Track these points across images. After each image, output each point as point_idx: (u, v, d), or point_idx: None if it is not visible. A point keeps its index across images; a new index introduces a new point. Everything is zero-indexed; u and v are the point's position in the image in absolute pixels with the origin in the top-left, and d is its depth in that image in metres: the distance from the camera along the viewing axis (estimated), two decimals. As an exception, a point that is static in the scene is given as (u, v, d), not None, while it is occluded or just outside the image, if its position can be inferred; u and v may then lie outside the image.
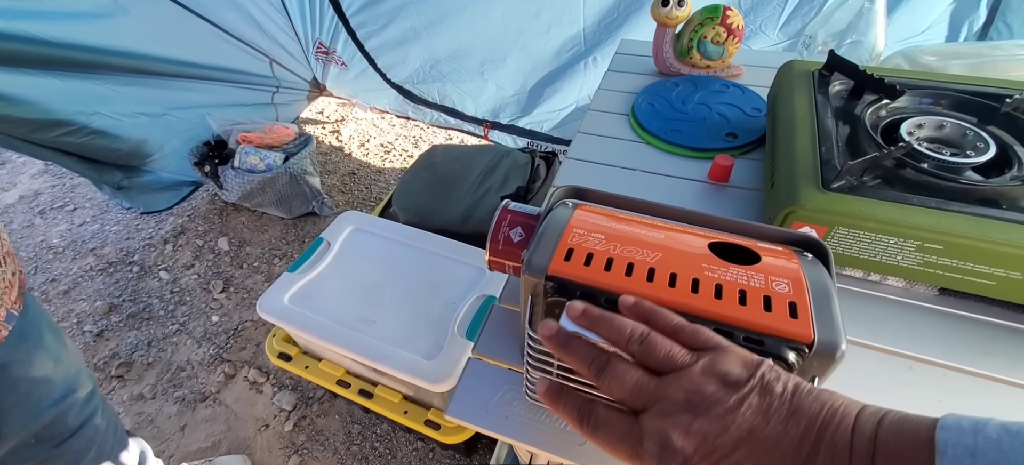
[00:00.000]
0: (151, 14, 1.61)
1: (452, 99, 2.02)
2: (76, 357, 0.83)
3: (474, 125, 2.08)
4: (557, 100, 1.75)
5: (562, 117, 1.81)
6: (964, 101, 0.54)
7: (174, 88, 1.79)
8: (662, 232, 0.40)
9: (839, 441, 0.24)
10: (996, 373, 0.44)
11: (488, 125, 2.03)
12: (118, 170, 1.78)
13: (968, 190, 0.47)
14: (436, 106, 2.10)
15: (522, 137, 1.98)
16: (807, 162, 0.50)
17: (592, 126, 0.76)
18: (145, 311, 1.65)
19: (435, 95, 2.05)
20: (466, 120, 2.08)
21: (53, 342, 0.75)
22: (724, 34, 0.75)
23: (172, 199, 1.99)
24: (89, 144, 1.60)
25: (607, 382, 0.30)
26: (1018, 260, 0.42)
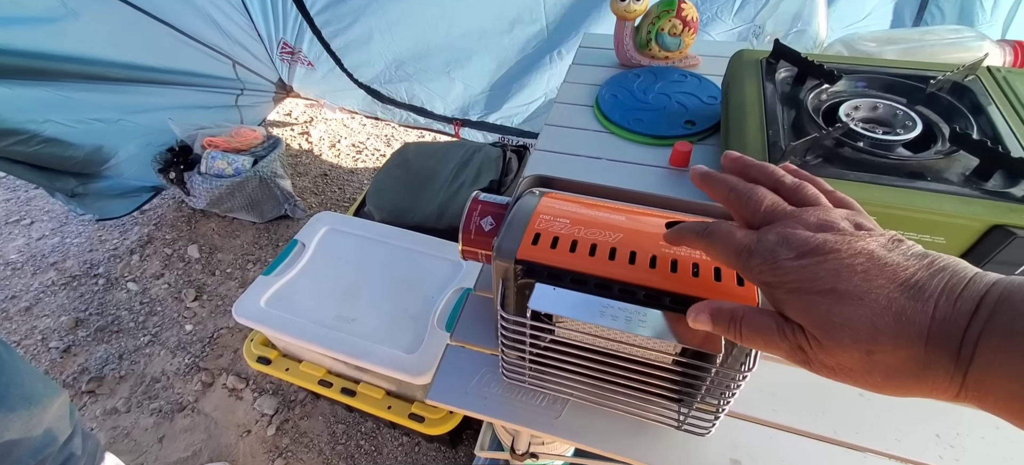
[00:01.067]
0: (103, 17, 1.56)
1: (420, 99, 2.02)
2: (59, 405, 0.82)
3: (444, 124, 2.09)
4: (525, 95, 1.77)
5: (531, 111, 1.83)
6: (895, 84, 0.59)
7: (131, 93, 1.73)
8: (623, 215, 0.43)
9: (955, 281, 0.24)
10: (926, 329, 0.49)
11: (458, 123, 2.04)
12: (72, 177, 1.72)
13: (898, 165, 0.51)
14: (405, 106, 2.10)
15: (493, 133, 2.00)
16: (756, 144, 0.54)
17: (558, 118, 0.79)
18: (114, 324, 1.61)
19: (403, 95, 2.05)
20: (436, 119, 2.09)
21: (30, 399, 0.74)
22: (680, 26, 0.79)
23: (129, 206, 1.93)
24: (41, 153, 1.54)
25: (745, 200, 0.31)
26: (941, 226, 0.47)
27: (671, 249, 0.39)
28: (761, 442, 0.43)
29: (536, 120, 1.85)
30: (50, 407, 0.78)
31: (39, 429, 0.75)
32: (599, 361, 0.42)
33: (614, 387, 0.44)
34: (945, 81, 0.57)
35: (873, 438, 0.42)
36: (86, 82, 1.62)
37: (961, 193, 0.47)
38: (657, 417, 0.43)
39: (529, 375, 0.45)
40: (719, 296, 0.36)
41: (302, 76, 2.18)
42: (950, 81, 0.57)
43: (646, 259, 0.38)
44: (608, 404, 0.45)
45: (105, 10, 1.56)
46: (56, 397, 0.81)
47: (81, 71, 1.59)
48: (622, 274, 0.37)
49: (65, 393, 0.85)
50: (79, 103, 1.60)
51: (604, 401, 0.45)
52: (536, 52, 1.62)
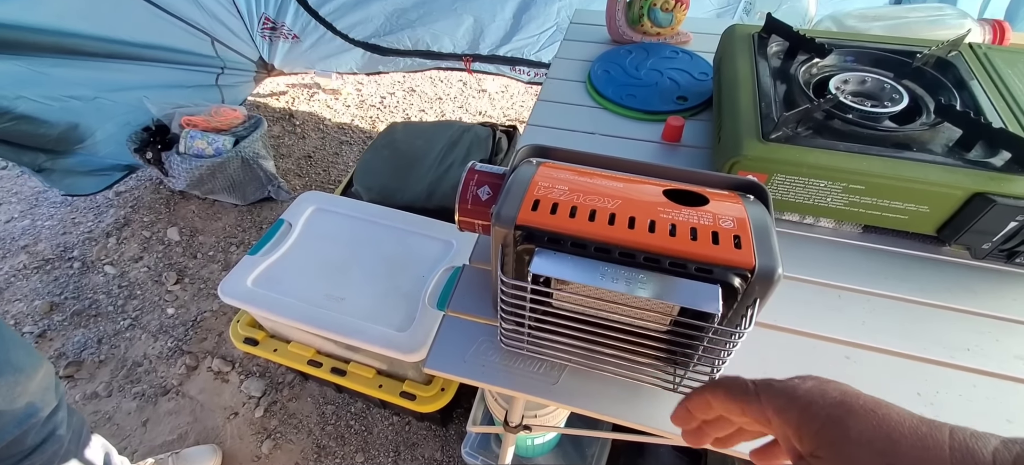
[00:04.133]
0: None
1: (425, 41, 1.94)
2: (45, 375, 0.80)
3: (453, 62, 2.02)
4: (535, 26, 1.74)
5: (543, 41, 1.79)
6: (882, 58, 0.60)
7: (107, 69, 1.67)
8: (621, 183, 0.43)
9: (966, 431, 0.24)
10: (910, 295, 0.51)
11: (469, 58, 1.97)
12: (41, 152, 1.65)
13: (885, 136, 0.52)
14: (410, 52, 2.02)
15: (505, 65, 1.94)
16: (749, 117, 0.55)
17: (551, 94, 0.79)
18: (91, 308, 1.56)
19: (406, 43, 1.97)
20: (445, 58, 2.01)
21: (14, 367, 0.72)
22: (672, 2, 0.79)
23: (100, 184, 1.86)
24: (13, 130, 1.48)
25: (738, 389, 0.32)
26: (924, 195, 0.48)
27: (670, 215, 0.39)
28: (753, 403, 0.44)
29: (548, 50, 1.81)
30: (34, 377, 0.76)
31: (22, 400, 0.73)
32: (597, 327, 0.43)
33: (610, 352, 0.44)
34: (930, 56, 0.58)
35: (858, 397, 0.44)
36: (60, 56, 1.55)
37: (944, 163, 0.49)
38: (653, 380, 0.44)
39: (528, 342, 0.45)
40: (717, 257, 0.36)
41: (286, 51, 2.12)
42: (934, 56, 0.59)
43: (645, 223, 0.39)
44: (604, 369, 0.46)
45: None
46: (40, 367, 0.79)
47: (54, 44, 1.52)
48: (622, 238, 0.38)
49: (49, 365, 0.83)
50: (53, 79, 1.54)
51: (601, 366, 0.46)
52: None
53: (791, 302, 0.51)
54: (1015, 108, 0.53)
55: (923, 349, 0.47)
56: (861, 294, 0.51)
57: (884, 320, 0.49)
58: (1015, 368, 0.45)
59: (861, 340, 0.48)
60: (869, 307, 0.50)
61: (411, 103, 2.35)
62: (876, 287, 0.51)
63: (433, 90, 2.42)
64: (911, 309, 0.50)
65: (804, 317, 0.50)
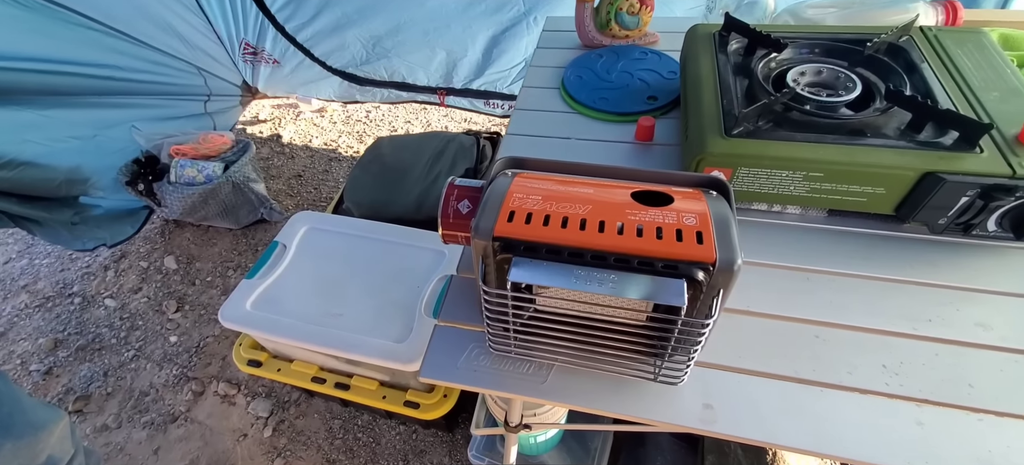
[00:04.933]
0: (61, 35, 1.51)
1: (401, 73, 1.98)
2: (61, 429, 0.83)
3: (428, 94, 2.05)
4: (506, 59, 1.77)
5: (514, 76, 1.83)
6: (835, 48, 0.63)
7: (103, 106, 1.69)
8: (592, 188, 0.46)
9: None
10: (874, 273, 0.54)
11: (443, 92, 2.01)
12: (65, 207, 1.65)
13: (841, 124, 0.55)
14: (385, 83, 2.05)
15: (478, 98, 1.98)
16: (712, 114, 0.58)
17: (527, 102, 0.82)
18: (95, 342, 1.58)
19: (382, 73, 2.00)
20: (419, 91, 2.04)
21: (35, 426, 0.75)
22: (637, 4, 0.82)
23: (134, 226, 1.87)
24: (21, 178, 1.48)
25: None
26: (879, 177, 0.51)
27: (637, 216, 0.42)
28: (730, 386, 0.47)
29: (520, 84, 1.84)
30: (54, 432, 0.80)
31: (43, 455, 0.76)
32: (579, 326, 0.45)
33: (594, 349, 0.47)
34: (881, 43, 0.61)
35: (828, 373, 0.47)
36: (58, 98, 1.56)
37: (897, 146, 0.52)
38: (635, 373, 0.47)
39: (515, 346, 0.48)
40: (681, 254, 0.39)
41: (268, 75, 2.14)
42: (886, 43, 0.62)
43: (614, 227, 0.41)
44: (590, 365, 0.48)
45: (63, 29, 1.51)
46: (58, 421, 0.82)
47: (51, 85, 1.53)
48: (592, 242, 0.41)
49: (66, 416, 0.87)
50: (54, 121, 1.55)
51: (586, 363, 0.48)
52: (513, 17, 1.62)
53: (763, 287, 0.54)
54: (964, 88, 0.56)
55: (887, 323, 0.50)
56: (828, 275, 0.54)
57: (850, 298, 0.52)
58: (975, 335, 0.48)
59: (829, 319, 0.50)
60: (836, 287, 0.53)
61: (396, 115, 2.37)
62: (842, 268, 0.54)
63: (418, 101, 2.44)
64: (875, 286, 0.53)
65: (775, 301, 0.52)
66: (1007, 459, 0.40)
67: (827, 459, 0.80)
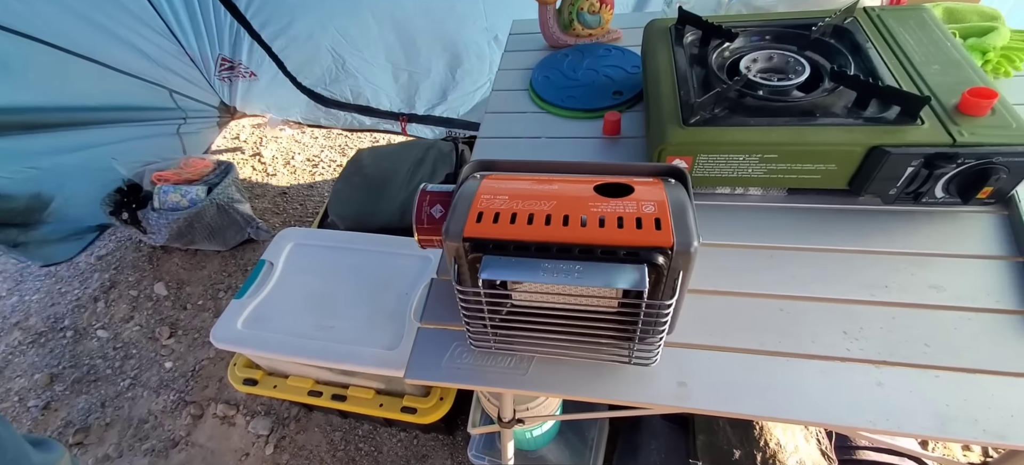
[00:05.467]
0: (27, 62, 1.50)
1: (366, 96, 1.99)
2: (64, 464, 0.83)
3: (391, 121, 2.06)
4: (470, 81, 1.80)
5: (477, 100, 1.86)
6: (784, 34, 0.65)
7: (67, 136, 1.69)
8: (556, 184, 0.48)
9: None
10: (833, 245, 0.56)
11: (405, 119, 2.03)
12: (13, 227, 1.67)
13: (792, 106, 0.58)
14: (349, 106, 2.07)
15: (439, 126, 2.00)
16: (670, 105, 0.60)
17: (497, 105, 0.84)
18: (90, 373, 1.58)
19: (347, 94, 2.02)
20: (382, 116, 2.06)
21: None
22: (598, 4, 0.84)
23: (76, 248, 1.90)
24: None
25: None
26: (829, 154, 0.54)
27: (599, 208, 0.44)
28: (701, 363, 0.50)
29: (480, 110, 1.88)
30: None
31: None
32: (555, 318, 0.48)
33: (571, 338, 0.49)
34: (827, 26, 0.64)
35: (793, 344, 0.49)
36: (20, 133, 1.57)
37: (844, 124, 0.55)
38: (610, 357, 0.49)
39: (494, 341, 0.50)
40: (640, 240, 0.41)
41: (246, 90, 2.14)
42: (831, 25, 0.65)
43: (577, 220, 0.44)
44: (568, 354, 0.50)
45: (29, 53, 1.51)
46: (60, 459, 0.83)
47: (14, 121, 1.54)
48: (557, 236, 0.43)
49: (66, 452, 0.87)
50: (14, 152, 1.56)
51: (564, 352, 0.50)
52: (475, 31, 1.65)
53: (729, 267, 0.56)
54: (906, 63, 0.59)
55: (847, 292, 0.52)
56: (790, 251, 0.57)
57: (811, 271, 0.54)
58: (929, 296, 0.51)
59: (792, 292, 0.53)
60: (798, 262, 0.56)
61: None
62: (802, 243, 0.57)
63: (399, 109, 2.45)
64: (835, 257, 0.55)
65: (741, 279, 0.55)
66: (963, 411, 0.43)
67: (802, 425, 0.83)
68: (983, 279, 0.51)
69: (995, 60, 0.67)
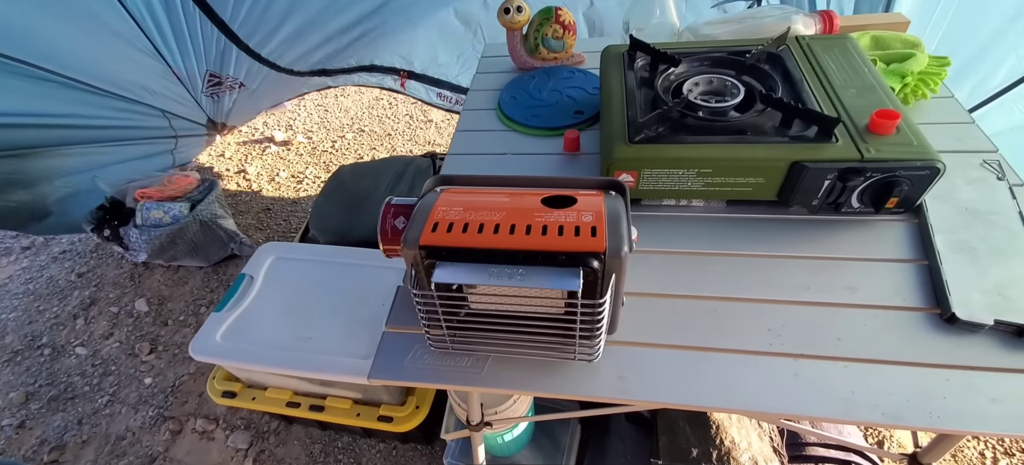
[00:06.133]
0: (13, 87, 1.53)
1: (368, 58, 2.07)
2: None
3: (393, 76, 2.14)
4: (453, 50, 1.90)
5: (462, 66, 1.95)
6: (723, 59, 0.72)
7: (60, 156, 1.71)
8: (508, 197, 0.53)
9: None
10: (763, 251, 0.62)
11: (404, 74, 2.10)
12: None
13: (727, 125, 0.64)
14: (352, 69, 2.12)
15: (433, 86, 2.10)
16: (619, 124, 0.66)
17: (467, 124, 0.89)
18: (67, 391, 1.58)
19: (351, 61, 2.09)
20: (384, 72, 2.14)
21: None
22: (561, 30, 0.91)
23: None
24: None
25: None
26: (758, 169, 0.59)
27: (544, 218, 0.49)
28: (640, 359, 0.54)
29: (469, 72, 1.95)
30: None
31: None
32: (507, 320, 0.52)
33: (522, 339, 0.53)
34: (760, 53, 0.71)
35: (722, 340, 0.54)
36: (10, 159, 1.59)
37: (771, 141, 0.61)
38: (557, 355, 0.54)
39: (451, 342, 0.54)
40: (577, 246, 0.46)
41: (233, 103, 2.16)
42: (765, 52, 0.71)
43: (523, 228, 0.48)
44: (519, 353, 0.55)
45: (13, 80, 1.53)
46: None
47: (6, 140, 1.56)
48: (504, 243, 0.47)
49: None
50: None
51: (516, 351, 0.55)
52: None
53: (670, 272, 0.61)
54: (827, 87, 0.65)
55: (772, 293, 0.57)
56: (725, 257, 0.62)
57: (743, 275, 0.60)
58: (845, 296, 0.56)
59: (724, 294, 0.58)
60: (731, 266, 0.61)
61: (362, 143, 2.43)
62: (737, 249, 0.62)
63: (382, 128, 2.51)
64: (764, 262, 0.61)
65: (679, 283, 0.60)
66: (866, 397, 0.48)
67: (755, 419, 0.88)
68: (893, 280, 0.57)
69: (913, 84, 0.74)
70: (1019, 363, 0.48)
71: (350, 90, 2.76)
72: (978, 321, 0.50)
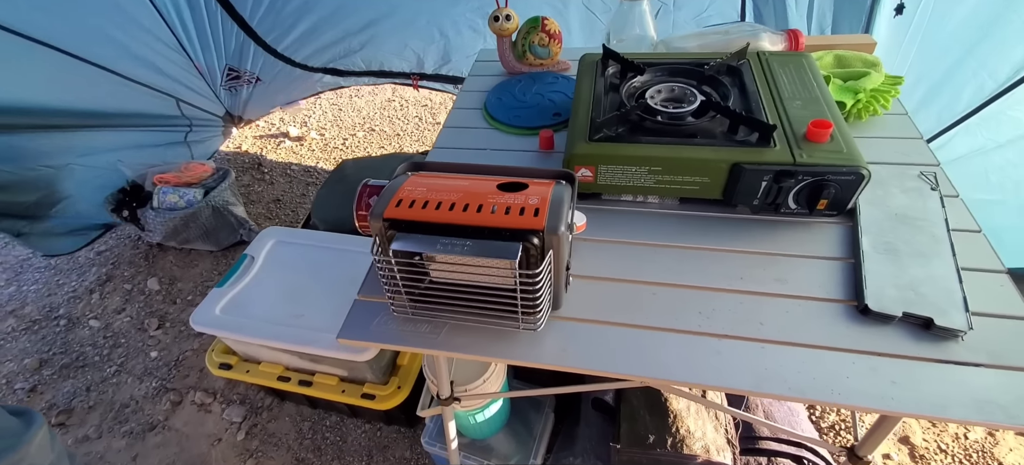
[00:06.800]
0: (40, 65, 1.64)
1: (379, 61, 2.17)
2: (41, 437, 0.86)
3: (404, 80, 2.24)
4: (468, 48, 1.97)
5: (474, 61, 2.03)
6: (684, 70, 0.78)
7: (78, 138, 1.82)
8: (468, 182, 0.60)
9: None
10: (706, 245, 0.67)
11: (416, 77, 2.20)
12: (19, 219, 1.78)
13: (680, 129, 0.69)
14: (364, 72, 2.22)
15: (446, 83, 2.18)
16: (583, 124, 0.72)
17: (455, 121, 0.96)
18: (79, 360, 1.68)
19: (360, 64, 2.18)
20: (396, 77, 2.23)
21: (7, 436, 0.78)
22: (547, 39, 0.97)
23: (78, 243, 2.00)
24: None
25: None
26: (702, 169, 0.65)
27: (496, 200, 0.55)
28: (583, 334, 0.60)
29: None
30: (33, 441, 0.83)
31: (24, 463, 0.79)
32: (463, 291, 0.58)
33: (474, 308, 0.59)
34: (719, 65, 0.76)
35: (657, 320, 0.59)
36: (33, 132, 1.70)
37: (717, 144, 0.66)
38: (504, 324, 0.60)
39: (411, 309, 0.61)
40: (520, 224, 0.52)
41: (250, 95, 2.27)
42: (724, 64, 0.77)
43: (475, 207, 0.55)
44: (473, 321, 0.61)
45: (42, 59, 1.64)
46: (37, 429, 0.85)
47: (26, 122, 1.67)
48: (457, 219, 0.54)
49: (44, 423, 0.89)
50: (26, 151, 1.68)
51: (470, 320, 0.61)
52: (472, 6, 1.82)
53: (620, 260, 0.67)
54: (776, 98, 0.71)
55: (709, 281, 0.63)
56: (671, 248, 0.67)
57: (684, 265, 0.65)
58: (774, 287, 0.61)
59: (665, 280, 0.63)
60: (675, 257, 0.66)
61: (371, 141, 2.52)
62: (682, 242, 0.68)
63: (391, 128, 2.60)
64: (706, 255, 0.66)
65: (626, 269, 0.65)
66: (777, 374, 0.53)
67: (674, 389, 0.91)
68: (820, 276, 0.61)
69: (865, 100, 0.79)
70: (922, 352, 0.53)
71: (364, 91, 2.87)
72: (888, 312, 0.54)
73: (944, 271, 0.57)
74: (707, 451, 0.84)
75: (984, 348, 0.52)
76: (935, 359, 0.52)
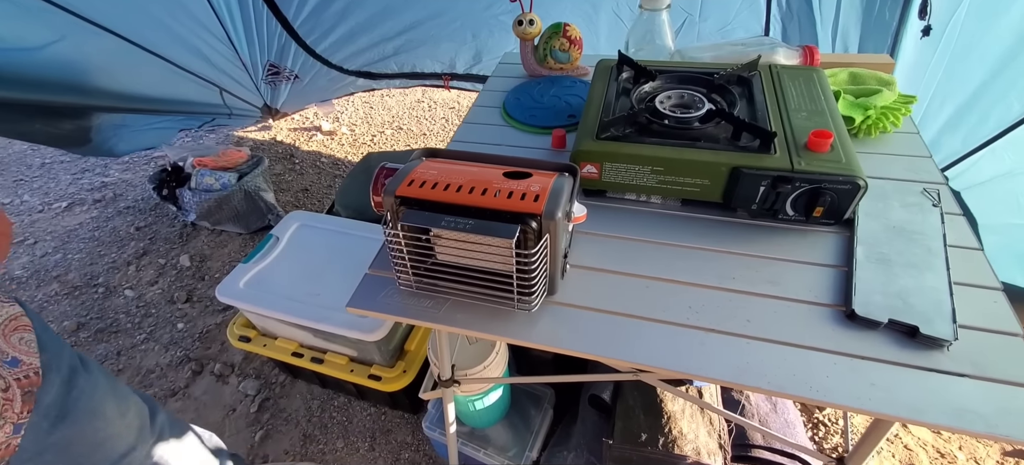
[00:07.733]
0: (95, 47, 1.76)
1: (412, 64, 2.26)
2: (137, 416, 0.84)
3: (436, 80, 2.33)
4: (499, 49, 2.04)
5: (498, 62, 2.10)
6: (694, 78, 0.80)
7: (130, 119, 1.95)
8: (476, 168, 0.64)
9: None
10: (704, 245, 0.69)
11: (447, 77, 2.28)
12: None
13: (685, 132, 0.72)
14: (397, 75, 2.32)
15: (476, 82, 2.26)
16: (592, 124, 0.75)
17: (475, 118, 1.00)
18: (113, 326, 1.78)
19: (393, 67, 2.28)
20: (428, 77, 2.32)
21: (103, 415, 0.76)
22: (567, 44, 1.01)
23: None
24: None
25: None
26: (703, 171, 0.67)
27: (501, 186, 0.59)
28: (576, 318, 0.62)
29: None
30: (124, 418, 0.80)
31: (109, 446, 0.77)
32: (463, 271, 0.62)
33: (474, 287, 0.63)
34: (729, 75, 0.78)
35: (648, 311, 0.62)
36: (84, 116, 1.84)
37: (720, 148, 0.68)
38: (501, 303, 0.63)
39: (415, 284, 0.65)
40: (520, 208, 0.56)
41: (288, 91, 2.39)
42: (735, 75, 0.79)
43: (480, 191, 0.58)
44: (472, 299, 0.64)
45: (97, 41, 1.76)
46: (128, 407, 0.82)
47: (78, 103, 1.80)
48: (463, 200, 0.58)
49: (138, 403, 0.86)
50: None
51: (470, 297, 0.64)
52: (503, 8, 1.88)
53: (619, 254, 0.69)
54: (782, 109, 0.73)
55: (702, 279, 0.65)
56: (669, 246, 0.70)
57: (680, 263, 0.67)
58: (765, 288, 0.63)
59: (659, 275, 0.66)
60: (673, 255, 0.68)
61: (399, 139, 2.60)
62: (681, 241, 0.70)
63: (419, 128, 2.67)
64: (702, 254, 0.68)
65: (625, 263, 0.68)
66: (758, 369, 0.55)
67: (655, 375, 0.92)
68: (812, 281, 0.63)
69: (875, 116, 0.80)
70: (905, 359, 0.54)
71: (395, 91, 2.96)
72: (874, 318, 0.56)
73: (935, 283, 0.58)
74: (698, 453, 0.85)
75: (969, 359, 0.53)
76: (918, 366, 0.53)
